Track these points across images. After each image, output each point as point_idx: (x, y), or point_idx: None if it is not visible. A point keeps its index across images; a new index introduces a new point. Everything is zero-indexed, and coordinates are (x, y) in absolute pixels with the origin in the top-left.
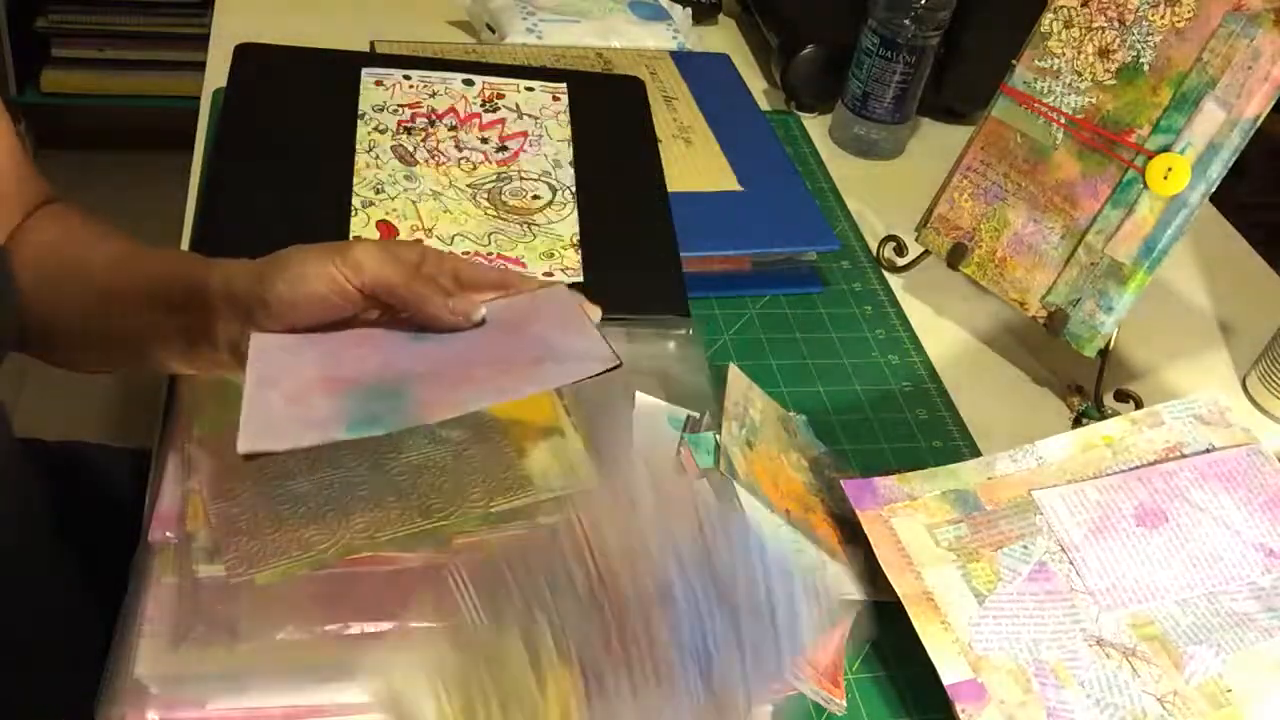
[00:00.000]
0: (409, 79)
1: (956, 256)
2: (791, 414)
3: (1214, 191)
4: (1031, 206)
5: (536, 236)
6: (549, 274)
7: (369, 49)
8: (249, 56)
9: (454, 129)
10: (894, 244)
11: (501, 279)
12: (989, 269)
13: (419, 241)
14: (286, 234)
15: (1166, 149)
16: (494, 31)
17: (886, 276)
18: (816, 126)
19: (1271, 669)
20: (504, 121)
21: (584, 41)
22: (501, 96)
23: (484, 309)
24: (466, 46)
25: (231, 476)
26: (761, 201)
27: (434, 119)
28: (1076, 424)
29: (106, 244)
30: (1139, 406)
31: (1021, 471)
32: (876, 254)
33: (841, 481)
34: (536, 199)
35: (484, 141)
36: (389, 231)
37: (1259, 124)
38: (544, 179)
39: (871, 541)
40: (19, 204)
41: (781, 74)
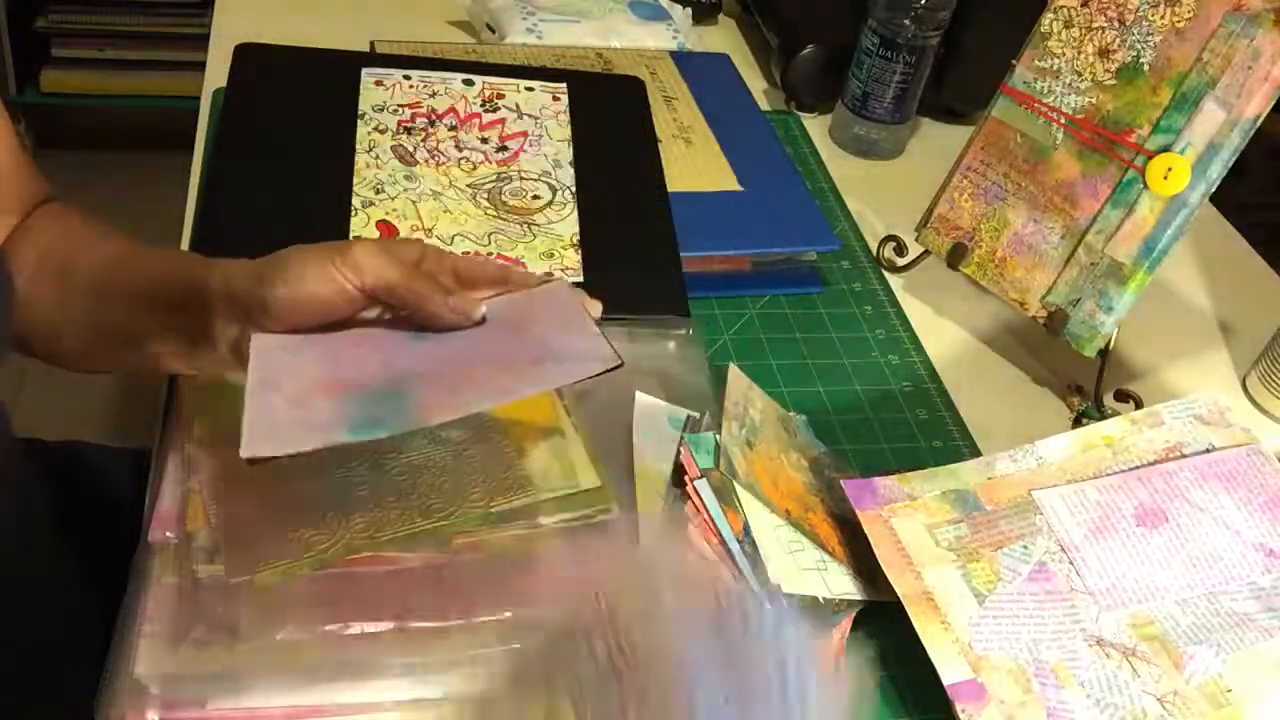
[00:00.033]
0: (409, 79)
1: (956, 256)
2: (791, 414)
3: (1214, 191)
4: (1031, 206)
5: (536, 236)
6: (549, 274)
7: (369, 49)
8: (249, 56)
9: (454, 129)
10: (894, 244)
11: (501, 275)
12: (989, 269)
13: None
14: (286, 234)
15: (1166, 149)
16: (494, 31)
17: (886, 276)
18: (816, 126)
19: (1271, 669)
20: (504, 121)
21: (584, 41)
22: (501, 96)
23: (484, 307)
24: (466, 46)
25: (231, 476)
26: (761, 201)
27: (434, 119)
28: (1076, 424)
29: (106, 244)
30: (1139, 406)
31: (1021, 471)
32: (876, 254)
33: (841, 481)
34: (536, 199)
35: (484, 141)
36: (389, 231)
37: (1259, 124)
38: (544, 179)
39: (871, 541)
40: (18, 203)
41: (781, 74)
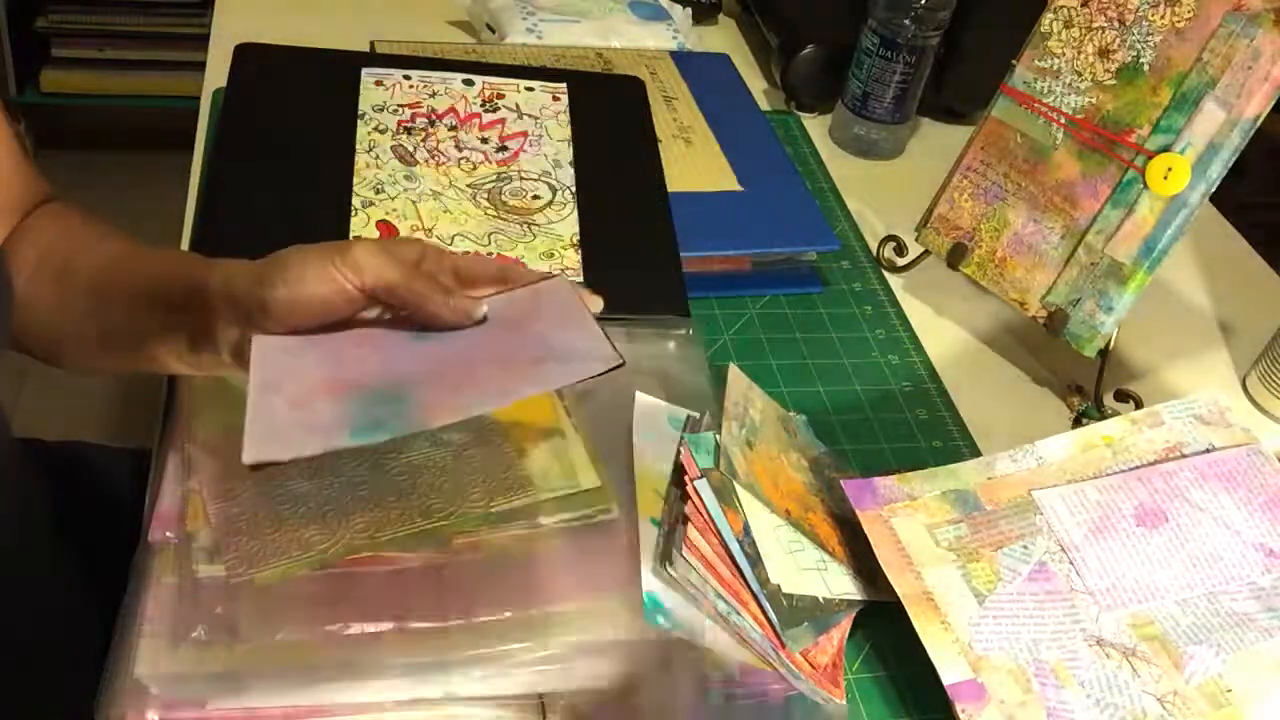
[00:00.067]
0: (409, 79)
1: (956, 256)
2: (791, 414)
3: (1214, 191)
4: (1031, 206)
5: (536, 236)
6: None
7: (369, 49)
8: (249, 56)
9: (454, 129)
10: (894, 244)
11: (501, 273)
12: (989, 269)
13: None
14: (286, 234)
15: (1166, 149)
16: (494, 31)
17: (886, 276)
18: (816, 126)
19: (1271, 669)
20: (504, 121)
21: (584, 41)
22: (501, 96)
23: (485, 306)
24: (466, 46)
25: (231, 476)
26: (761, 201)
27: (434, 119)
28: (1076, 424)
29: (106, 244)
30: (1139, 406)
31: (1021, 471)
32: (876, 254)
33: (841, 481)
34: (536, 199)
35: (484, 141)
36: (389, 231)
37: (1259, 124)
38: (544, 179)
39: (871, 541)
40: (18, 203)
41: (781, 74)
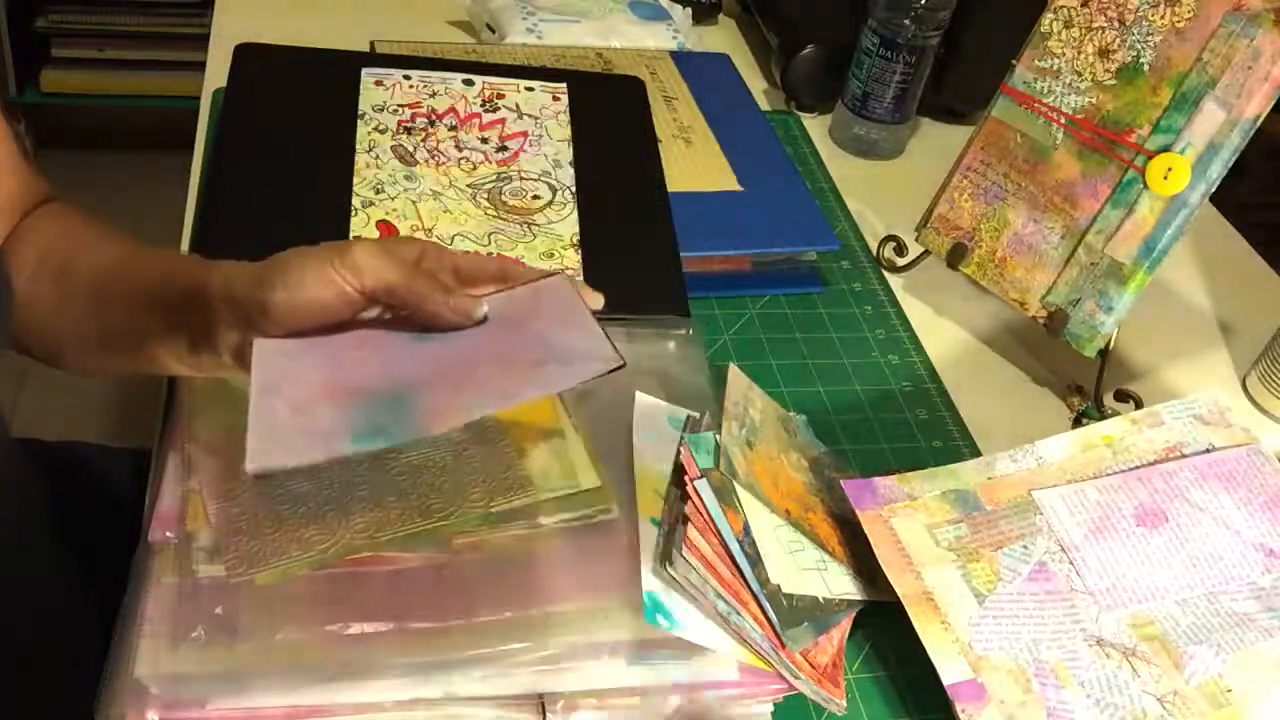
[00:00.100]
0: (409, 79)
1: (956, 256)
2: (791, 414)
3: (1214, 191)
4: (1031, 206)
5: (536, 236)
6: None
7: (369, 49)
8: (249, 56)
9: (454, 129)
10: (894, 244)
11: (501, 271)
12: (989, 269)
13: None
14: (286, 234)
15: (1166, 149)
16: (494, 31)
17: (886, 276)
18: (816, 126)
19: (1271, 669)
20: (504, 121)
21: (584, 41)
22: (501, 96)
23: (485, 306)
24: (466, 46)
25: (231, 476)
26: (761, 201)
27: (434, 119)
28: (1076, 424)
29: (106, 244)
30: (1139, 406)
31: (1021, 471)
32: (876, 254)
33: (841, 481)
34: (536, 199)
35: (484, 141)
36: (389, 231)
37: (1259, 124)
38: (544, 179)
39: (871, 541)
40: (17, 203)
41: (781, 74)
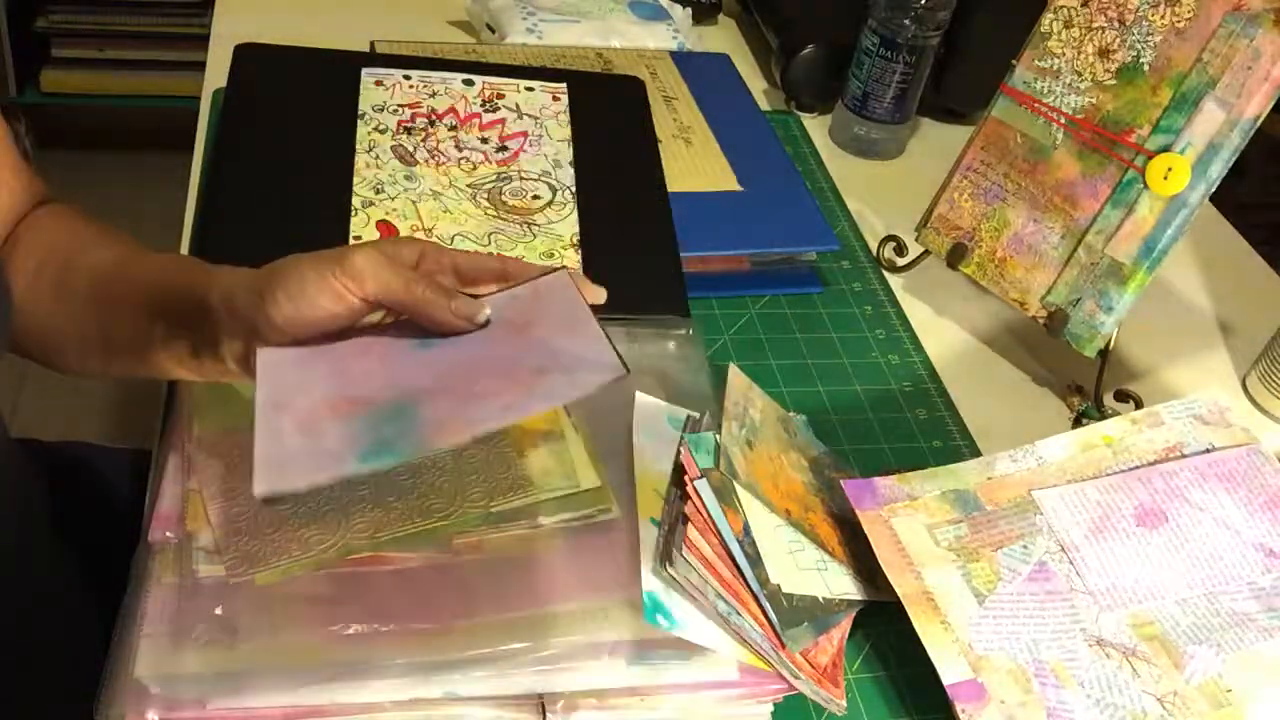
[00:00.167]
0: (409, 79)
1: (956, 256)
2: (791, 414)
3: (1214, 191)
4: (1031, 206)
5: (536, 236)
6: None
7: (369, 49)
8: (249, 56)
9: (454, 129)
10: (894, 244)
11: (502, 269)
12: (989, 269)
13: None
14: (287, 234)
15: (1166, 149)
16: (494, 31)
17: (886, 276)
18: (816, 126)
19: (1271, 669)
20: (504, 121)
21: (584, 41)
22: (501, 96)
23: (488, 309)
24: (466, 46)
25: (231, 476)
26: (761, 201)
27: (434, 119)
28: (1076, 424)
29: (105, 246)
30: (1139, 406)
31: (1021, 471)
32: (876, 254)
33: (841, 481)
34: (536, 199)
35: (484, 141)
36: (389, 231)
37: (1259, 124)
38: (544, 179)
39: (871, 541)
40: (16, 205)
41: (781, 74)
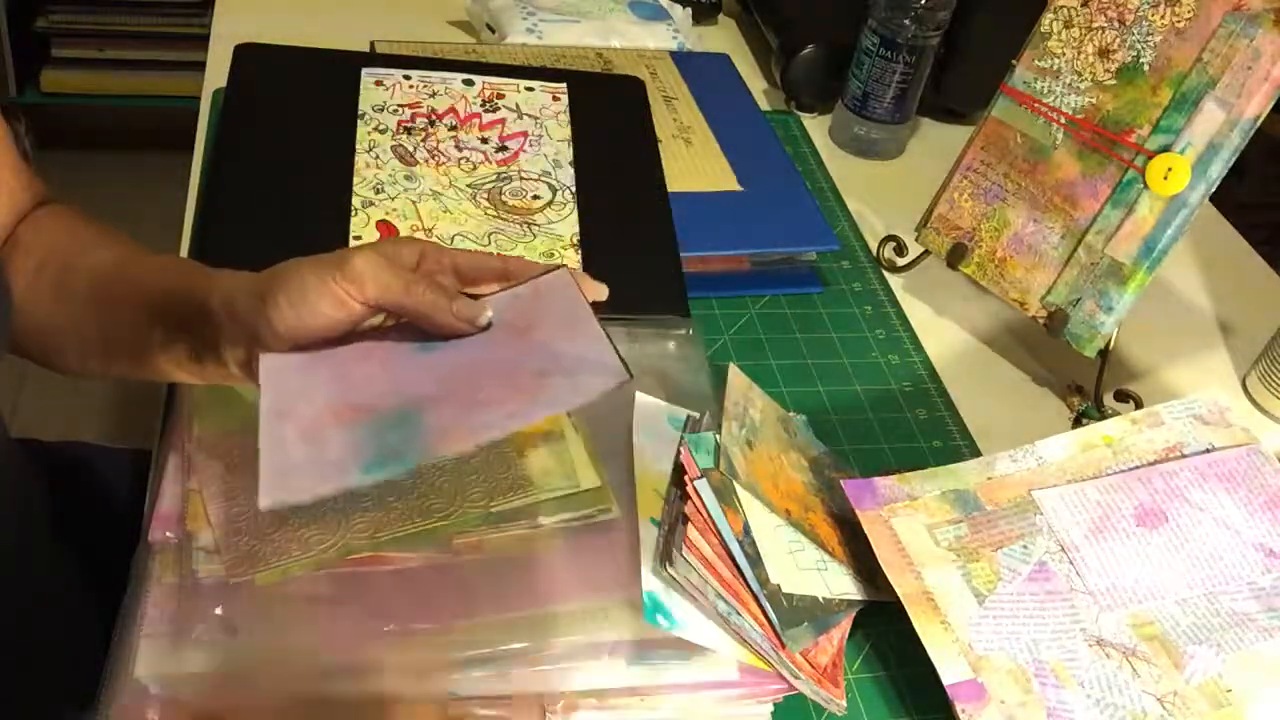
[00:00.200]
0: (409, 79)
1: (956, 256)
2: (791, 414)
3: (1214, 191)
4: (1031, 206)
5: (536, 236)
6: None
7: (369, 49)
8: (249, 56)
9: (454, 129)
10: (894, 244)
11: (503, 268)
12: (989, 269)
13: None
14: (287, 234)
15: (1166, 149)
16: (494, 31)
17: (886, 276)
18: (816, 126)
19: (1271, 669)
20: (504, 121)
21: (584, 41)
22: (501, 96)
23: (490, 311)
24: (466, 46)
25: (231, 476)
26: (761, 201)
27: (434, 119)
28: (1076, 424)
29: (104, 247)
30: (1139, 406)
31: (1021, 471)
32: (876, 254)
33: (841, 481)
34: (536, 199)
35: (484, 141)
36: (389, 231)
37: (1259, 124)
38: (544, 179)
39: (871, 541)
40: (17, 206)
41: (781, 74)
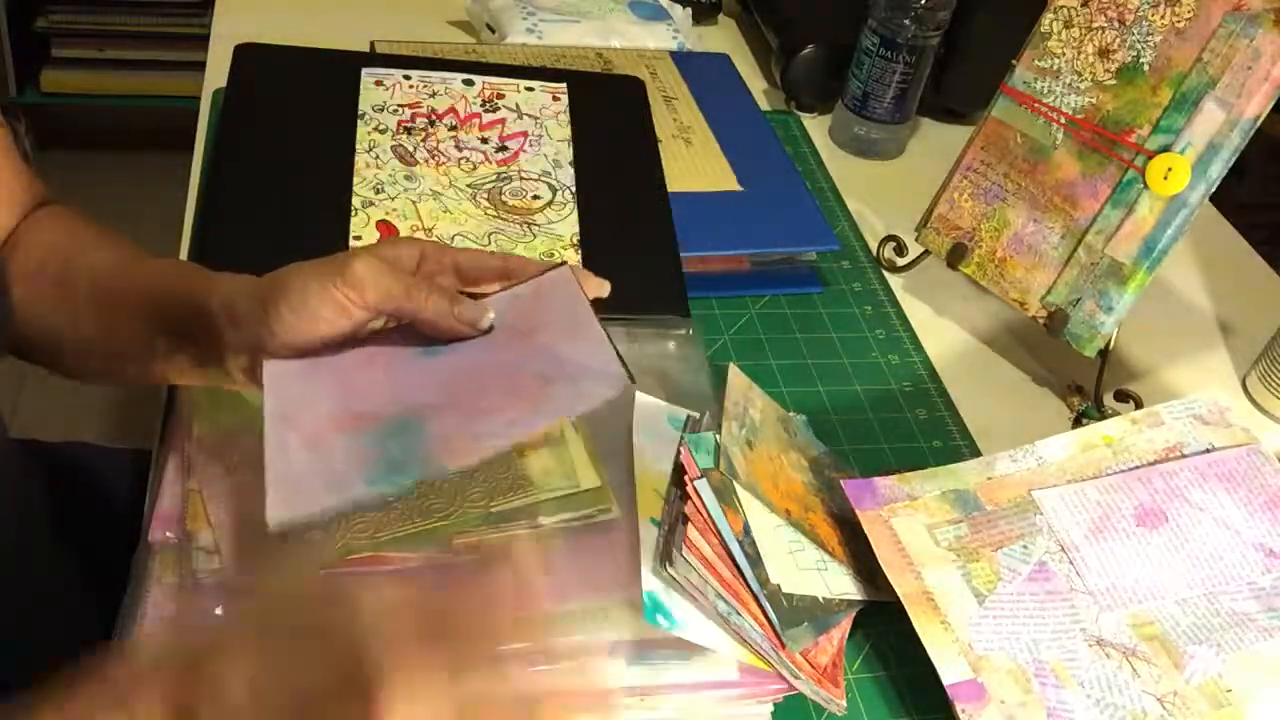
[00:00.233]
0: (409, 79)
1: (956, 256)
2: (791, 414)
3: (1214, 191)
4: (1031, 206)
5: (536, 236)
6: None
7: (369, 49)
8: (249, 56)
9: (454, 129)
10: (894, 244)
11: (503, 267)
12: (989, 269)
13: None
14: (287, 234)
15: (1166, 149)
16: (494, 31)
17: (886, 276)
18: (816, 126)
19: (1271, 669)
20: (504, 121)
21: (584, 41)
22: (501, 96)
23: (491, 313)
24: (466, 46)
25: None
26: (761, 201)
27: (434, 119)
28: (1076, 424)
29: (104, 249)
30: (1139, 406)
31: (1021, 471)
32: (876, 254)
33: (841, 481)
34: (536, 199)
35: (484, 141)
36: (389, 231)
37: (1259, 124)
38: (544, 179)
39: (871, 541)
40: (16, 207)
41: (781, 74)
